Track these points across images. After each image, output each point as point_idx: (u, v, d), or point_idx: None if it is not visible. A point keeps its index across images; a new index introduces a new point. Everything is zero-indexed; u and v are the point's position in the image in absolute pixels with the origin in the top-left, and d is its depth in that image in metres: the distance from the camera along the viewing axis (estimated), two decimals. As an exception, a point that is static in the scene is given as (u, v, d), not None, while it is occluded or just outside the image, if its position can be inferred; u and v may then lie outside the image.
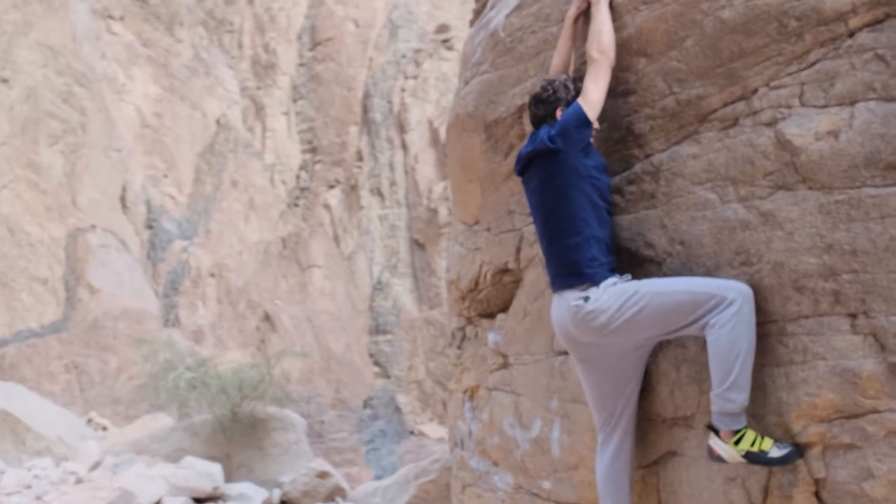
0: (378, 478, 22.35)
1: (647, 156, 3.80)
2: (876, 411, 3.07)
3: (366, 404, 30.43)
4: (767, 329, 3.34)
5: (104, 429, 23.70)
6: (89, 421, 23.87)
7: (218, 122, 35.63)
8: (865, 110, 3.09)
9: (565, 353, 4.19)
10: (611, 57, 3.76)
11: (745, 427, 3.31)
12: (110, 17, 35.22)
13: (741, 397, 3.27)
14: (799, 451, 3.25)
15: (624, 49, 3.84)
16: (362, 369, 31.68)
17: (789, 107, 3.30)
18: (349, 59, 37.39)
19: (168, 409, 21.42)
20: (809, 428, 3.22)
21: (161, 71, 35.14)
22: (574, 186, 3.64)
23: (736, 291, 3.28)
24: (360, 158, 35.04)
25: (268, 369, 22.04)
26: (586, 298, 3.50)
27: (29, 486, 15.50)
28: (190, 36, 36.88)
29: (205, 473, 16.89)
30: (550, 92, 3.80)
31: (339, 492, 17.62)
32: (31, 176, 27.28)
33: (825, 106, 3.20)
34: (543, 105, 3.85)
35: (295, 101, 39.11)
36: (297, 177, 36.95)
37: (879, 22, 3.11)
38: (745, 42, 3.43)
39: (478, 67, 4.87)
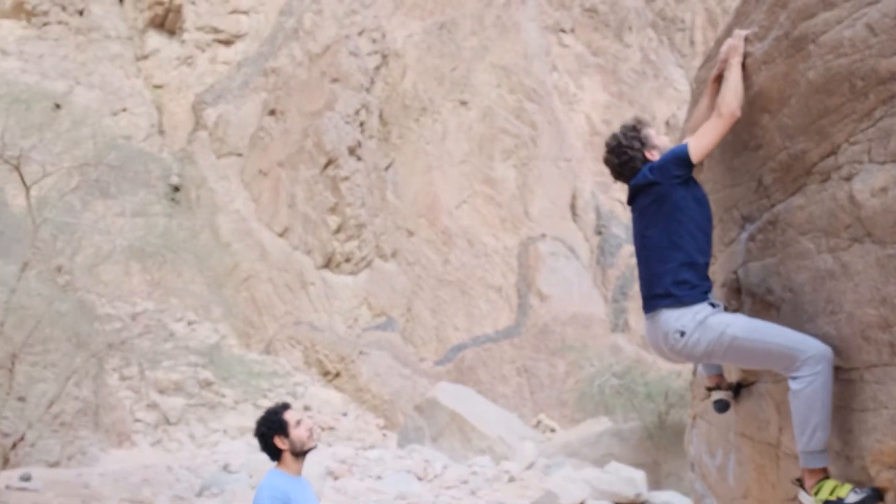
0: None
1: (772, 206, 4.21)
2: (927, 461, 3.32)
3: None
4: (852, 375, 3.68)
5: (552, 430, 25.94)
6: (538, 423, 26.30)
7: (667, 123, 36.64)
8: (908, 168, 3.34)
9: (739, 386, 4.69)
10: (733, 115, 4.21)
11: (825, 477, 3.69)
12: (561, 30, 37.94)
13: (824, 436, 3.68)
14: (879, 495, 3.56)
15: (752, 106, 4.29)
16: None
17: (860, 162, 3.61)
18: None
19: (611, 414, 22.92)
20: (882, 473, 3.53)
21: (610, 77, 37.07)
22: (671, 217, 4.15)
23: (815, 349, 3.69)
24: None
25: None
26: (682, 333, 3.99)
27: (465, 482, 17.80)
28: (638, 39, 38.38)
29: (627, 479, 17.76)
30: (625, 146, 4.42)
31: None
32: (487, 190, 30.71)
33: (884, 162, 3.48)
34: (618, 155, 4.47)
35: (750, 92, 38.48)
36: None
37: (922, 81, 3.33)
38: (828, 101, 3.77)
39: (687, 114, 5.46)
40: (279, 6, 31.60)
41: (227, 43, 31.18)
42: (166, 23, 30.98)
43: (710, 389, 4.68)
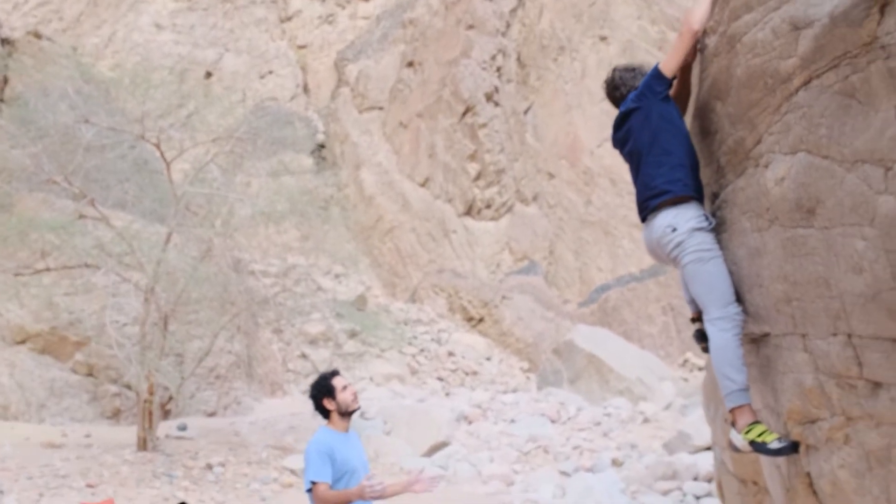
0: None
1: (726, 186, 4.70)
2: (819, 419, 3.86)
3: None
4: (776, 342, 4.20)
5: (700, 369, 26.12)
6: (685, 362, 26.52)
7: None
8: (797, 161, 3.82)
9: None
10: (690, 30, 4.79)
11: (757, 422, 4.24)
12: (708, -47, 36.85)
13: (740, 377, 4.25)
14: (796, 447, 4.10)
15: (709, 94, 4.76)
16: None
17: (773, 152, 4.09)
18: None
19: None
20: (794, 429, 4.08)
21: None
22: (659, 127, 4.73)
23: (735, 309, 4.28)
24: None
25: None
26: (674, 229, 4.53)
27: (598, 424, 18.43)
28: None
29: (765, 418, 17.91)
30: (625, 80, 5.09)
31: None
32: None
33: (786, 154, 3.95)
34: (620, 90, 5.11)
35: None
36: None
37: (807, 83, 3.77)
38: (751, 95, 4.24)
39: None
40: (416, -44, 32.27)
41: (366, -2, 32.22)
42: (307, -18, 32.27)
43: (693, 321, 5.18)
